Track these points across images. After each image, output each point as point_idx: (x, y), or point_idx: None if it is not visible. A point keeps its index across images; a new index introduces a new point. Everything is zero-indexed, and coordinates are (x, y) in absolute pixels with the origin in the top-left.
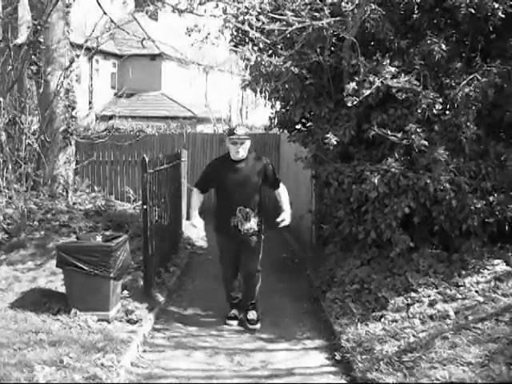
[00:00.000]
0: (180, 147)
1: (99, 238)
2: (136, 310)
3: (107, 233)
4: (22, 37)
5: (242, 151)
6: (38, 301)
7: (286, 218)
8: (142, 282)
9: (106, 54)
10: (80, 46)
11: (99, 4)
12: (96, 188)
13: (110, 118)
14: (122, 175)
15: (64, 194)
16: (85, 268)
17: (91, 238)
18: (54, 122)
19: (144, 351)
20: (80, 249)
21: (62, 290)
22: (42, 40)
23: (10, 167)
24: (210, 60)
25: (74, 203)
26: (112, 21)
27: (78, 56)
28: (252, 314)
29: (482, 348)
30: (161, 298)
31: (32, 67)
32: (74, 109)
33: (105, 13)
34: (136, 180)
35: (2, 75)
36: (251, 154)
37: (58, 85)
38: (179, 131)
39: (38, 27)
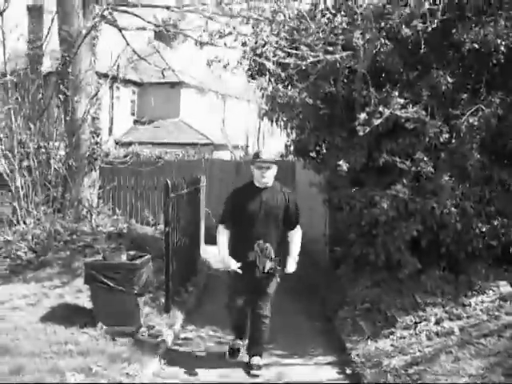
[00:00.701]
0: (198, 173)
1: (124, 257)
2: (157, 326)
3: (131, 252)
4: (46, 65)
5: (268, 177)
6: (65, 315)
7: (291, 265)
8: (162, 300)
9: (127, 82)
10: (103, 75)
11: (124, 37)
12: (118, 211)
13: (130, 144)
14: (142, 200)
15: (88, 216)
16: (110, 284)
17: (116, 256)
18: (80, 148)
19: (165, 364)
20: (106, 266)
21: (88, 305)
22: (70, 70)
23: (40, 190)
24: (228, 88)
25: (97, 225)
26: (136, 53)
27: (101, 85)
28: (256, 360)
29: (483, 361)
30: (180, 316)
31: (60, 96)
32: (98, 135)
33: (128, 43)
34: (155, 204)
35: (32, 104)
36: (276, 184)
37: (85, 112)
38: (197, 157)
39: (67, 59)
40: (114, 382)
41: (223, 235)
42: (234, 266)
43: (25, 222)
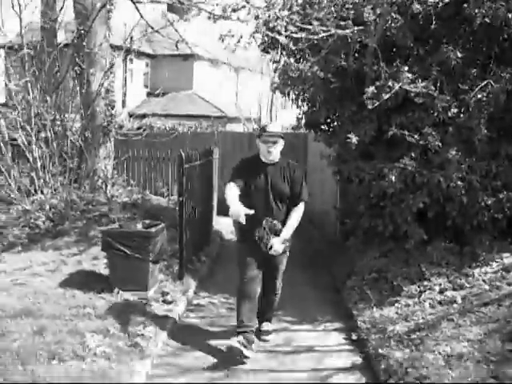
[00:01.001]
0: (211, 145)
1: (139, 226)
2: (171, 292)
3: (146, 221)
4: (61, 37)
5: (274, 151)
6: (83, 281)
7: (277, 245)
8: (176, 268)
9: (140, 54)
10: (117, 47)
11: (137, 9)
12: (132, 182)
13: (143, 116)
14: (155, 171)
15: (103, 187)
16: (127, 251)
17: (132, 225)
18: (95, 120)
19: (178, 327)
20: (123, 234)
21: (105, 272)
22: (84, 44)
23: (56, 161)
24: (241, 60)
25: (112, 196)
26: (149, 25)
27: (115, 58)
28: (266, 326)
29: (482, 328)
30: (193, 284)
31: (76, 69)
32: (113, 108)
33: (141, 16)
34: (169, 176)
35: (48, 76)
36: (284, 159)
37: (99, 85)
38: (210, 130)
39: (82, 32)
40: (130, 343)
41: (233, 190)
42: (242, 214)
43: (42, 192)
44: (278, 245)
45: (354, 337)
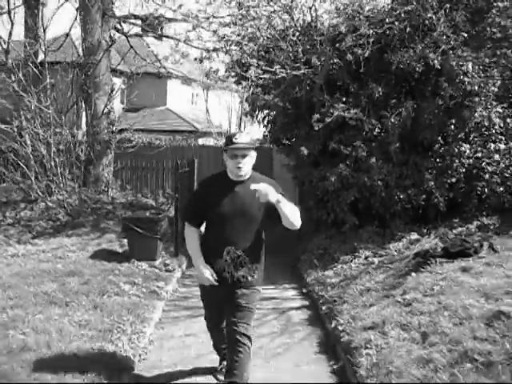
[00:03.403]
0: (190, 157)
1: (148, 214)
2: (170, 264)
3: (152, 211)
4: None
5: (244, 167)
6: (105, 256)
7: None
8: (172, 248)
9: (116, 72)
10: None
11: (129, 42)
12: (128, 187)
13: (121, 130)
14: (141, 178)
15: (106, 190)
16: (140, 231)
17: (141, 213)
18: (100, 135)
19: (178, 286)
20: (137, 219)
21: (120, 250)
22: (89, 73)
23: (69, 169)
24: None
25: (113, 197)
26: (137, 53)
27: (114, 84)
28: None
29: (386, 275)
30: (185, 260)
31: (84, 94)
32: (113, 125)
33: (131, 47)
34: (153, 182)
35: (62, 99)
36: (255, 175)
37: (104, 106)
38: (186, 143)
39: (90, 65)
40: (149, 290)
41: (191, 236)
42: (210, 277)
43: (61, 194)
44: (270, 189)
45: (304, 290)
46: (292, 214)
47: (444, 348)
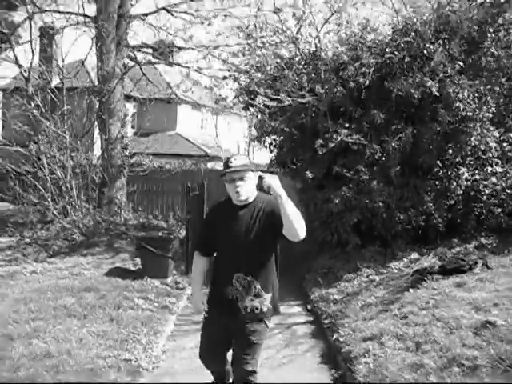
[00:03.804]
0: (199, 180)
1: (160, 234)
2: (181, 282)
3: (164, 231)
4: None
5: (243, 190)
6: (119, 273)
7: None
8: (183, 267)
9: (128, 98)
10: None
11: (143, 72)
12: (140, 209)
13: (132, 154)
14: (152, 201)
15: (119, 212)
16: (153, 250)
17: (155, 233)
18: (113, 159)
19: (188, 303)
20: (151, 238)
21: (133, 268)
22: (104, 100)
23: (83, 191)
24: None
25: (125, 219)
26: (149, 80)
27: (128, 110)
28: None
29: (386, 290)
30: None
31: (98, 120)
32: (126, 149)
33: (144, 74)
34: (163, 205)
35: (78, 124)
36: (261, 194)
37: (118, 132)
38: (195, 167)
39: (105, 92)
40: (162, 305)
41: (196, 264)
42: (202, 306)
43: (76, 215)
44: (274, 180)
45: (309, 307)
46: (295, 217)
47: (435, 355)
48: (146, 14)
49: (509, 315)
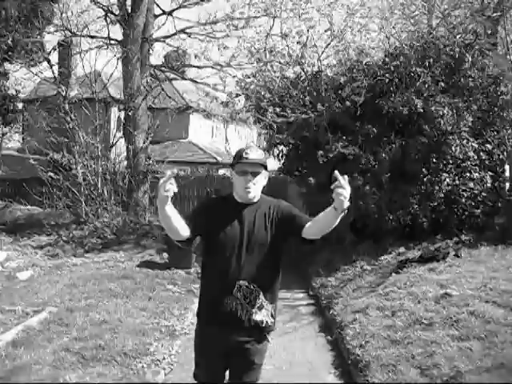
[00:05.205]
0: (211, 186)
1: None
2: None
3: None
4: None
5: (254, 187)
6: (149, 265)
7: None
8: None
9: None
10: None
11: (162, 89)
12: None
13: (155, 162)
14: (174, 204)
15: (143, 213)
16: (179, 245)
17: None
18: (139, 167)
19: None
20: None
21: (160, 261)
22: (130, 114)
23: (113, 195)
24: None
25: (149, 220)
26: (167, 95)
27: (151, 123)
28: None
29: (375, 276)
30: None
31: (125, 132)
32: (150, 158)
33: (163, 89)
34: (182, 208)
35: (106, 136)
36: (264, 196)
37: (143, 142)
38: (209, 175)
39: (132, 108)
40: (188, 289)
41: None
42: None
43: (105, 216)
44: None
45: (311, 292)
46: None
47: (404, 318)
48: (167, 37)
49: (462, 289)
